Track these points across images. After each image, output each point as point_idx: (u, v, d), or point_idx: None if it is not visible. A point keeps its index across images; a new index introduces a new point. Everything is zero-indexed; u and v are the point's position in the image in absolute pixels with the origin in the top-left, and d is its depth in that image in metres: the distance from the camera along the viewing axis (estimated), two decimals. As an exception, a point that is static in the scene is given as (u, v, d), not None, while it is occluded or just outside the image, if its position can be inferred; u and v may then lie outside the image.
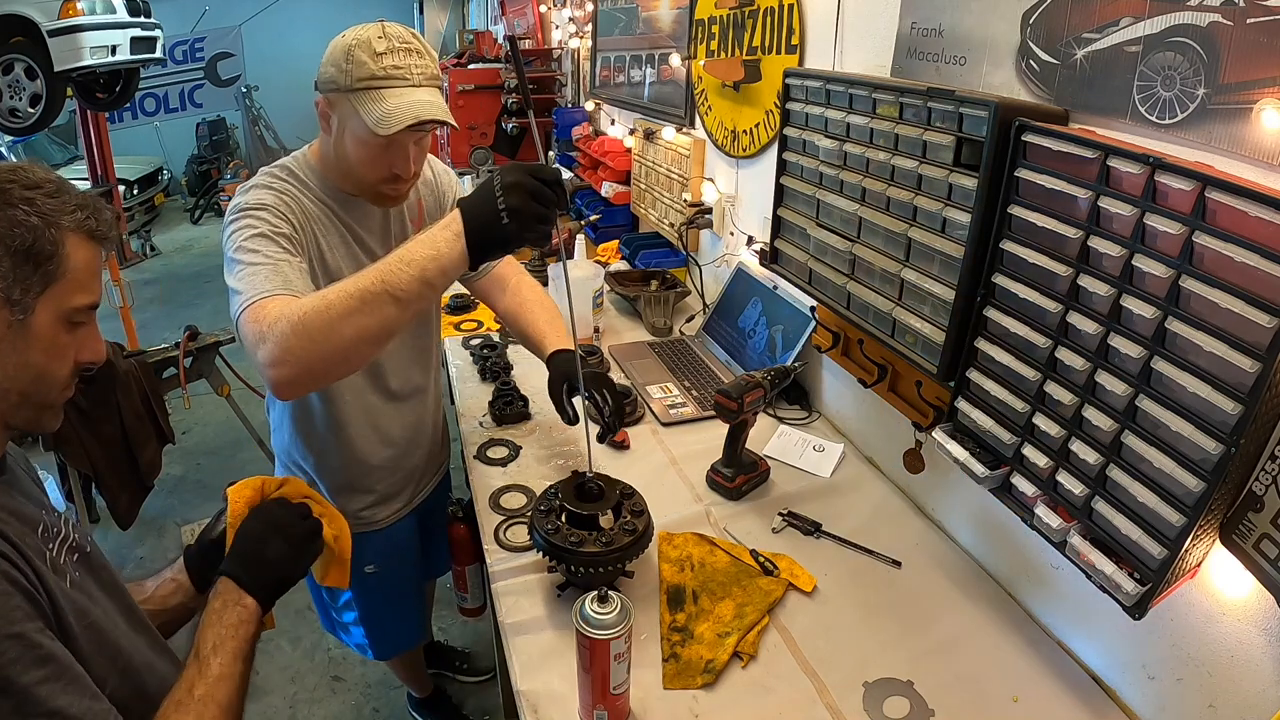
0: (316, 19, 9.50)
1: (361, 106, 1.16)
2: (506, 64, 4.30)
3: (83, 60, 4.48)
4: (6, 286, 0.74)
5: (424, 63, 1.20)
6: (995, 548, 1.32)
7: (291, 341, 0.99)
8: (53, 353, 0.79)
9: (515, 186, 0.96)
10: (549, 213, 0.99)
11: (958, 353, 1.17)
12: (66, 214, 0.78)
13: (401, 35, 1.19)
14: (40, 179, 0.78)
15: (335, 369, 1.08)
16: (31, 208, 0.75)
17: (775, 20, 1.81)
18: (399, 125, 1.15)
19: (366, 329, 0.99)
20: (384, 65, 1.16)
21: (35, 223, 0.75)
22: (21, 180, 0.76)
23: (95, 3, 4.62)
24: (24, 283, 0.75)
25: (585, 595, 0.98)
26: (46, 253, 0.76)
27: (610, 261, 2.76)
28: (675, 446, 1.68)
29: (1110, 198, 0.91)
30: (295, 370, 1.01)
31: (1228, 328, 0.79)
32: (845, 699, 1.08)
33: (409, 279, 0.99)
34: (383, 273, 0.99)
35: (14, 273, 0.74)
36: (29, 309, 0.75)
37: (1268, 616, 0.87)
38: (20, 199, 0.75)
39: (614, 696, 1.00)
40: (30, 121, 4.61)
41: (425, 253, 0.99)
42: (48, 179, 0.78)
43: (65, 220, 0.77)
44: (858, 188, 1.36)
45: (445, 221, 1.01)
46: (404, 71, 1.17)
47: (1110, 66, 0.98)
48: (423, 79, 1.19)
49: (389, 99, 1.16)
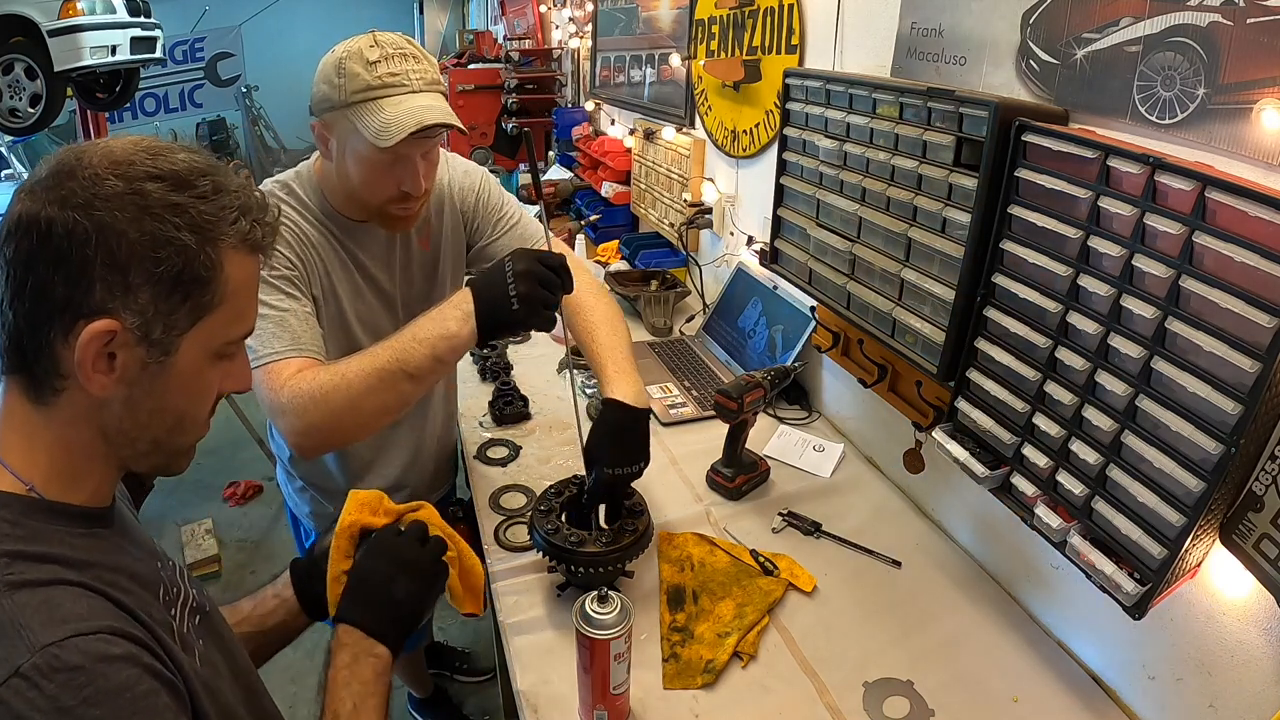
0: (316, 19, 9.49)
1: (360, 120, 1.08)
2: (507, 64, 4.30)
3: (83, 60, 4.48)
4: (145, 324, 0.58)
5: (421, 67, 1.12)
6: (995, 548, 1.32)
7: (313, 417, 1.03)
8: (196, 393, 0.65)
9: (526, 274, 1.00)
10: (555, 298, 1.02)
11: (958, 353, 1.17)
12: (229, 224, 0.61)
13: (395, 41, 1.12)
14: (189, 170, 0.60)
15: (355, 437, 1.17)
16: (183, 219, 0.58)
17: (775, 20, 1.81)
18: (401, 134, 1.06)
19: (385, 404, 1.05)
20: (379, 74, 1.08)
21: (187, 241, 0.58)
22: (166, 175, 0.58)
23: (95, 3, 4.61)
24: (168, 318, 0.59)
25: (585, 595, 0.98)
26: (201, 279, 0.60)
27: (610, 261, 2.76)
28: (675, 446, 1.68)
29: (1110, 198, 0.91)
30: (317, 441, 1.08)
31: (1228, 328, 0.79)
32: (845, 699, 1.08)
33: (422, 357, 1.03)
34: (397, 351, 1.03)
35: (155, 305, 0.58)
36: (172, 349, 0.61)
37: (1268, 616, 0.87)
38: (166, 206, 0.58)
39: (614, 696, 1.00)
40: (30, 121, 4.61)
41: (437, 331, 1.03)
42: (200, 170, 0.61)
43: (228, 234, 0.61)
44: (858, 188, 1.36)
45: (456, 300, 1.04)
46: (401, 78, 1.09)
47: (1110, 66, 0.98)
48: (422, 84, 1.11)
49: (388, 108, 1.08)
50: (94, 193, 0.56)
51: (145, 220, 0.57)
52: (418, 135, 1.08)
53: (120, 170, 0.58)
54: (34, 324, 0.58)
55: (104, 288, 0.57)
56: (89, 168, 0.57)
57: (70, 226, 0.56)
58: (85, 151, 0.59)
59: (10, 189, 6.82)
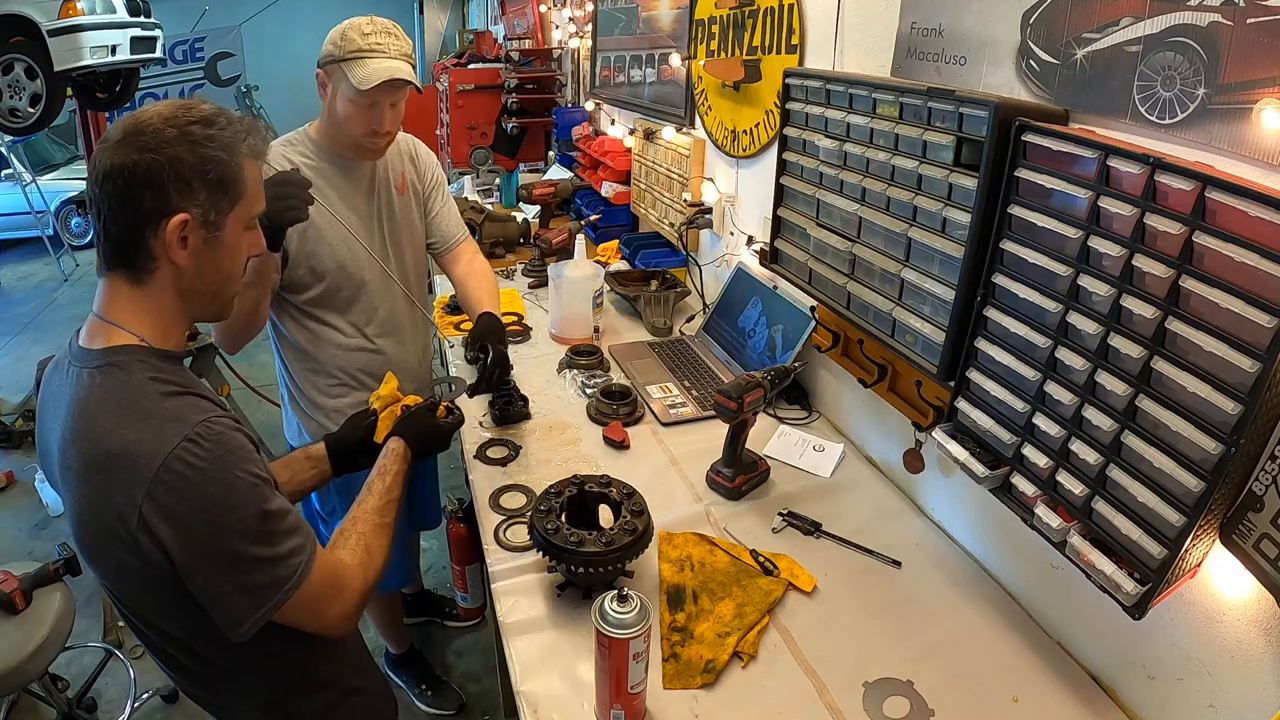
0: (316, 19, 9.45)
1: (350, 71, 1.47)
2: (507, 64, 4.30)
3: (83, 60, 4.48)
4: (204, 213, 0.88)
5: (400, 43, 1.52)
6: (995, 548, 1.32)
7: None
8: (235, 255, 0.95)
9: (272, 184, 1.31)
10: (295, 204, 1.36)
11: (958, 353, 1.17)
12: (241, 142, 0.91)
13: (384, 24, 1.52)
14: (210, 114, 0.89)
15: None
16: (215, 144, 0.88)
17: (775, 20, 1.81)
18: (376, 81, 1.45)
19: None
20: (369, 42, 1.47)
21: (222, 156, 0.88)
22: (199, 119, 0.88)
23: (95, 3, 4.61)
24: (218, 206, 0.89)
25: (605, 594, 0.98)
26: (234, 179, 0.90)
27: (610, 261, 2.76)
28: (675, 446, 1.68)
29: (1110, 198, 0.91)
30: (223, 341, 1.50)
31: (1228, 328, 0.79)
32: (845, 699, 1.08)
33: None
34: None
35: (210, 200, 0.88)
36: (222, 226, 0.90)
37: (1268, 616, 0.87)
38: (204, 138, 0.87)
39: (630, 696, 1.00)
40: (30, 121, 4.61)
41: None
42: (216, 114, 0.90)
43: (243, 149, 0.91)
44: (858, 188, 1.36)
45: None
46: (383, 47, 1.49)
47: (1110, 66, 0.98)
48: (398, 54, 1.50)
49: (370, 64, 1.46)
50: (160, 139, 0.85)
51: (196, 148, 0.86)
52: (386, 86, 1.47)
53: (171, 121, 0.86)
54: (133, 228, 0.86)
55: (176, 195, 0.86)
56: (150, 124, 0.86)
57: (150, 163, 0.84)
58: (140, 115, 0.88)
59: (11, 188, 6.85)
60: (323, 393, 1.72)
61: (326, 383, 1.71)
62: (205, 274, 0.92)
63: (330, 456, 1.25)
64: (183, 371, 0.94)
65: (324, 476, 1.25)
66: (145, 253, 0.88)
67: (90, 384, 0.86)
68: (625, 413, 1.76)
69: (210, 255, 0.91)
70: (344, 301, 1.66)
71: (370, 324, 1.70)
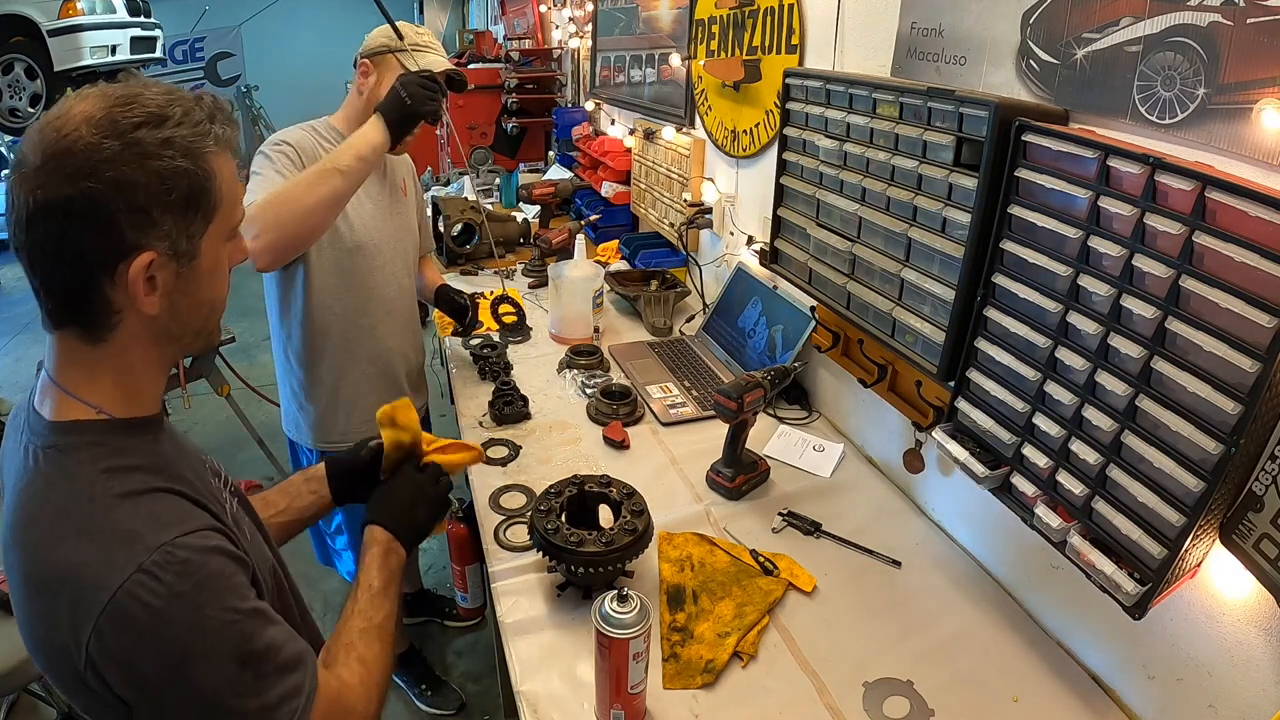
0: (316, 19, 9.50)
1: (408, 60, 1.62)
2: (507, 64, 4.30)
3: (83, 60, 4.49)
4: (172, 244, 0.69)
5: (439, 46, 1.73)
6: (995, 548, 1.32)
7: (266, 212, 1.38)
8: (218, 278, 0.77)
9: (409, 83, 1.52)
10: (435, 97, 1.54)
11: (958, 353, 1.17)
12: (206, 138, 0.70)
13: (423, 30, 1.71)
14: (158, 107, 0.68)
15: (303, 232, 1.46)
16: (174, 150, 0.67)
17: (775, 20, 1.81)
18: (439, 69, 1.62)
19: (321, 196, 1.42)
20: (423, 39, 1.67)
21: (184, 166, 0.68)
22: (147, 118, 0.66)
23: (95, 3, 4.62)
24: (188, 231, 0.70)
25: (605, 594, 0.98)
26: (204, 190, 0.70)
27: (610, 261, 2.76)
28: (675, 446, 1.68)
29: (1110, 198, 0.91)
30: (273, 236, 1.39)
31: (1228, 328, 0.79)
32: (845, 699, 1.08)
33: (349, 157, 1.46)
34: (329, 158, 1.46)
35: (176, 226, 0.69)
36: (197, 252, 0.72)
37: (1268, 616, 0.87)
38: (156, 146, 0.66)
39: (630, 696, 1.00)
40: (30, 121, 4.62)
41: (358, 138, 1.49)
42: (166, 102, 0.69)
43: (208, 145, 0.70)
44: (858, 188, 1.36)
45: (369, 121, 1.51)
46: (435, 46, 1.70)
47: (1110, 66, 0.98)
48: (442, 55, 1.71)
49: (429, 56, 1.65)
50: (97, 160, 0.64)
51: (147, 163, 0.66)
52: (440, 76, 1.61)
53: (108, 130, 0.65)
54: (82, 280, 0.67)
55: (132, 229, 0.66)
56: (80, 139, 0.64)
57: (89, 195, 0.64)
58: (62, 125, 0.65)
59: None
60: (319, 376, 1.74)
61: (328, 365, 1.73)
62: (183, 313, 0.74)
63: (330, 481, 1.10)
64: (153, 448, 0.74)
65: (324, 503, 1.10)
66: (102, 306, 0.69)
67: (34, 472, 0.69)
68: (625, 413, 1.76)
69: (187, 290, 0.73)
70: (357, 283, 1.70)
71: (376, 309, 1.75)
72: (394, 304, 1.79)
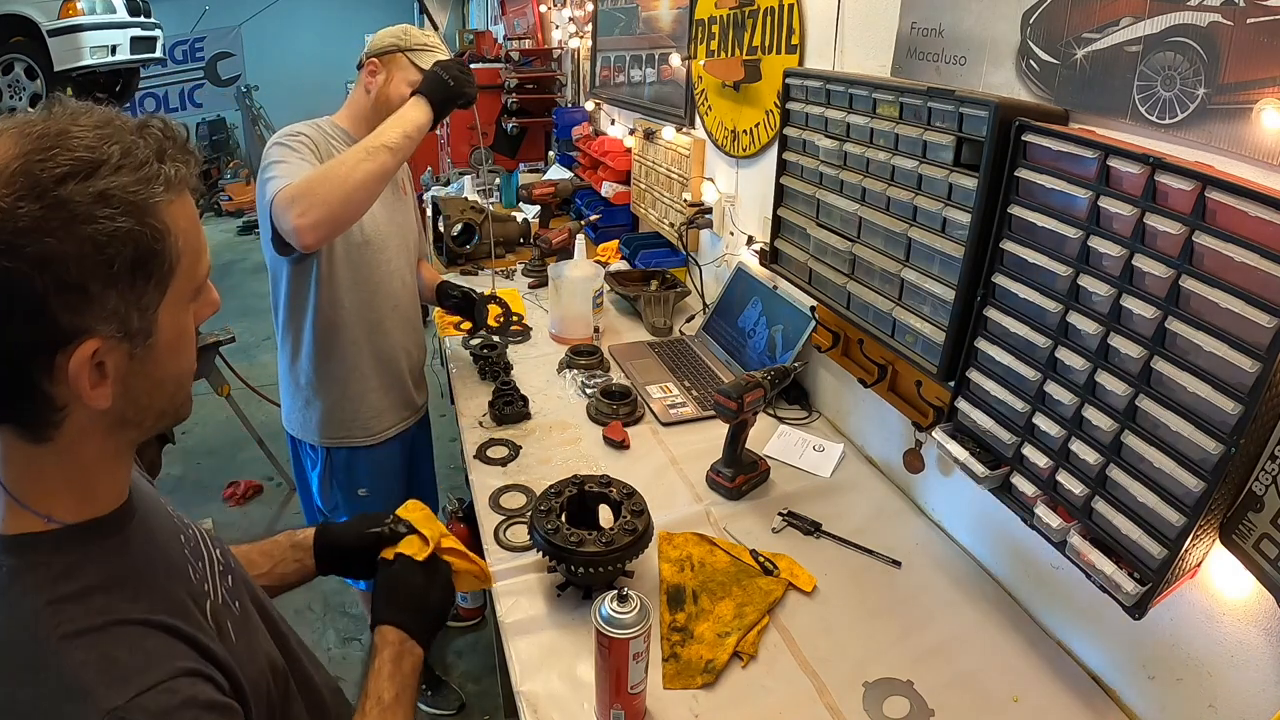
0: (316, 19, 9.50)
1: (417, 58, 1.65)
2: (507, 64, 4.30)
3: (83, 60, 4.49)
4: (121, 323, 0.56)
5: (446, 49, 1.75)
6: (995, 548, 1.32)
7: (313, 189, 1.37)
8: (181, 347, 0.63)
9: (450, 65, 1.60)
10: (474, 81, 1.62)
11: (958, 353, 1.17)
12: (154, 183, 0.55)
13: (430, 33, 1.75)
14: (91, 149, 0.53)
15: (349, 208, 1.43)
16: (113, 205, 0.53)
17: (775, 20, 1.81)
18: None
19: (369, 171, 1.42)
20: (429, 40, 1.71)
21: (127, 225, 0.54)
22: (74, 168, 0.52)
23: (95, 3, 4.62)
24: (139, 304, 0.57)
25: (605, 594, 0.98)
26: (155, 252, 0.56)
27: (610, 261, 2.75)
28: (675, 446, 1.68)
29: (1110, 198, 0.91)
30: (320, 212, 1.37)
31: (1228, 328, 0.79)
32: (845, 699, 1.08)
33: (396, 134, 1.48)
34: (376, 134, 1.48)
35: (125, 300, 0.55)
36: (153, 327, 0.58)
37: (1268, 616, 0.87)
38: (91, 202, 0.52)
39: (630, 696, 1.00)
40: (30, 121, 4.61)
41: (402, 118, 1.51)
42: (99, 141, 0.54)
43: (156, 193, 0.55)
44: (858, 188, 1.36)
45: (410, 102, 1.54)
46: (442, 48, 1.72)
47: (1110, 66, 0.98)
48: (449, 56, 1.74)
49: (436, 55, 1.68)
50: (12, 230, 0.50)
51: (77, 228, 0.52)
52: None
53: (25, 187, 0.51)
54: (13, 379, 0.55)
55: (67, 313, 0.53)
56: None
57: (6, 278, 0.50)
58: None
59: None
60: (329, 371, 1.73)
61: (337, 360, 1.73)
62: (141, 398, 0.61)
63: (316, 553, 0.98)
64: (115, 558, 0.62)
65: (308, 572, 0.99)
66: (41, 404, 0.56)
67: None
68: (625, 413, 1.76)
69: (145, 372, 0.60)
70: (365, 277, 1.71)
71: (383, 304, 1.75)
72: (399, 299, 1.80)
